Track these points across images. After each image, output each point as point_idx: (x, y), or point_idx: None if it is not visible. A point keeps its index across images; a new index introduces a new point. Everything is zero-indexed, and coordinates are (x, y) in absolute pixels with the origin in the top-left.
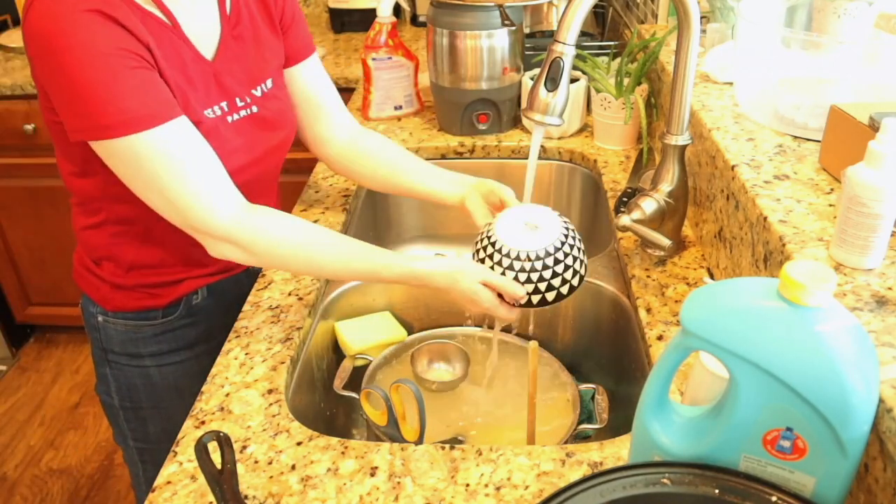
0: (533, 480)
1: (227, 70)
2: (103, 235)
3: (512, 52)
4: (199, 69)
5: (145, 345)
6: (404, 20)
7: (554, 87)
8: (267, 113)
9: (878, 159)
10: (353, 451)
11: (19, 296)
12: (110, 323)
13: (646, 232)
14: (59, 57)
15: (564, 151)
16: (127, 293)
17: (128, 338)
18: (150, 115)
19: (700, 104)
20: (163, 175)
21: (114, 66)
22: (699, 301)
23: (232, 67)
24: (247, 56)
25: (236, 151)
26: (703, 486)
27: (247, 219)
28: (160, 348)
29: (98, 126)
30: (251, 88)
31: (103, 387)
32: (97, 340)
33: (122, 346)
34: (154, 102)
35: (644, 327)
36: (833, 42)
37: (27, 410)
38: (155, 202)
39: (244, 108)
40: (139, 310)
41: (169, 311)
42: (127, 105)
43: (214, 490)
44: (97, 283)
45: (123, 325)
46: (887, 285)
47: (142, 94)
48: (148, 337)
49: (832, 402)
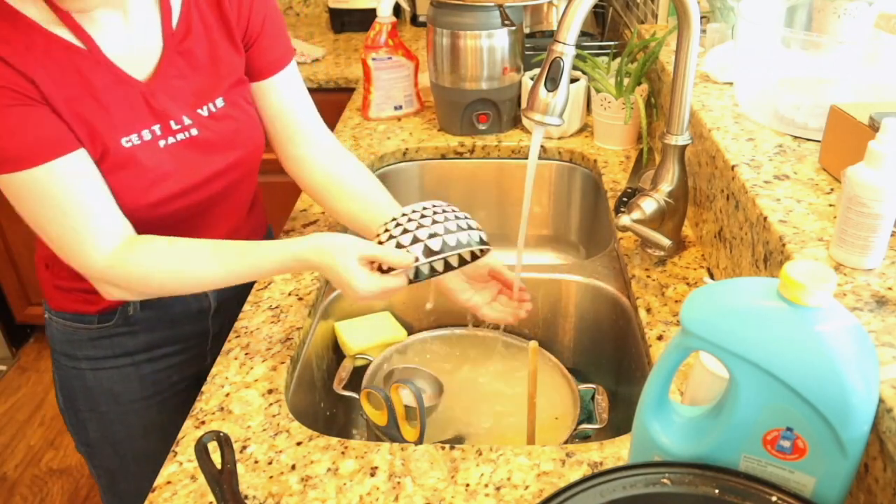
0: (533, 480)
1: (164, 89)
2: None
3: (512, 52)
4: (122, 92)
5: (81, 347)
6: (404, 20)
7: (554, 87)
8: (210, 135)
9: (878, 159)
10: (353, 451)
11: (19, 296)
12: (53, 322)
13: (646, 232)
14: None
15: (564, 151)
16: (65, 294)
17: (66, 338)
18: (20, 157)
19: (700, 104)
20: (40, 215)
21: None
22: (699, 301)
23: (171, 86)
24: (195, 73)
25: (167, 178)
26: (703, 486)
27: (121, 257)
28: (96, 353)
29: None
30: (196, 108)
31: (55, 389)
32: (49, 339)
33: (61, 346)
34: (31, 142)
35: (644, 327)
36: (833, 42)
37: (27, 410)
38: (41, 237)
39: (181, 132)
40: (75, 312)
41: (104, 318)
42: (2, 145)
43: (214, 490)
44: (44, 279)
45: (63, 326)
46: (887, 285)
47: (16, 135)
48: (84, 340)
49: (832, 402)
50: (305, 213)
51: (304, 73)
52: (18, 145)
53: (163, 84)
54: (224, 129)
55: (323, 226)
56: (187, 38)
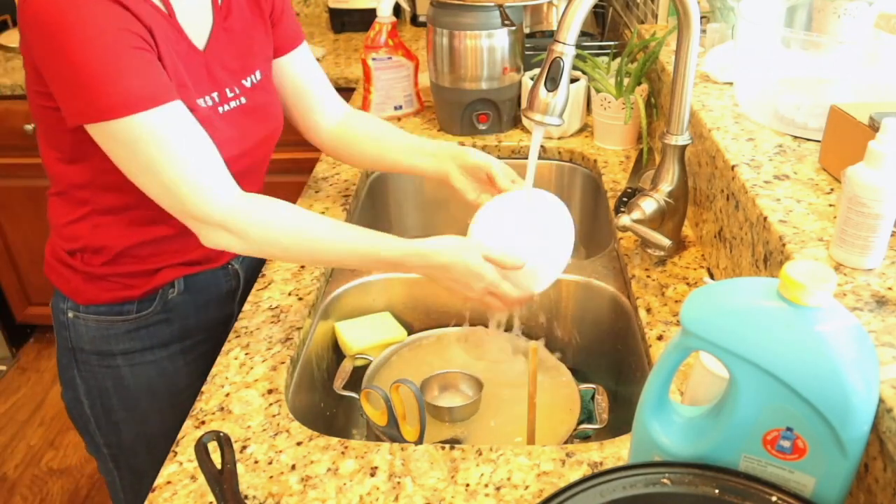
0: (533, 480)
1: (218, 61)
2: (85, 227)
3: (512, 52)
4: (192, 59)
5: (117, 342)
6: (404, 20)
7: (554, 87)
8: (256, 104)
9: (878, 159)
10: (353, 451)
11: (19, 296)
12: (81, 319)
13: (646, 232)
14: (60, 37)
15: (564, 151)
16: (100, 284)
17: (99, 335)
18: (150, 96)
19: (700, 104)
20: (161, 159)
21: (115, 45)
22: (699, 301)
23: (222, 58)
24: (236, 48)
25: (229, 141)
26: (703, 486)
27: (243, 205)
28: (133, 346)
29: (98, 108)
30: (241, 79)
31: (71, 393)
32: (65, 340)
33: (92, 345)
34: (155, 84)
35: (644, 327)
36: (833, 42)
37: (27, 410)
38: (151, 187)
39: (234, 99)
40: (112, 302)
41: (144, 304)
42: (128, 85)
43: (214, 490)
44: (68, 275)
45: (95, 321)
46: (887, 285)
47: (143, 75)
48: (121, 333)
49: (832, 402)
50: None
51: None
52: (143, 85)
53: (216, 55)
54: (264, 99)
55: None
56: (230, 15)
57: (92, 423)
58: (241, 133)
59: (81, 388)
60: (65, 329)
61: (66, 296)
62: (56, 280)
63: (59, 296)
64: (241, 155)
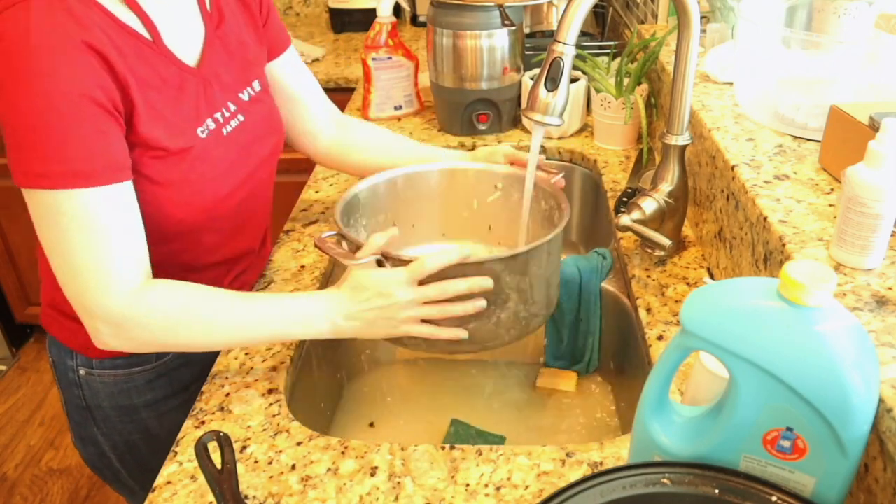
0: (533, 480)
1: (214, 75)
2: None
3: (512, 52)
4: (184, 82)
5: (139, 394)
6: (404, 20)
7: (554, 87)
8: (254, 119)
9: (878, 159)
10: (353, 451)
11: (19, 296)
12: (96, 376)
13: (646, 232)
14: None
15: (564, 151)
16: None
17: (118, 389)
18: (90, 173)
19: (700, 104)
20: (73, 240)
21: (72, 112)
22: (699, 301)
23: (218, 72)
24: (231, 57)
25: (232, 167)
26: (703, 486)
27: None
28: (155, 395)
29: (32, 173)
30: (238, 93)
31: (92, 449)
32: (77, 398)
33: (111, 400)
34: (101, 160)
35: (644, 327)
36: (833, 42)
37: (27, 410)
38: (58, 263)
39: (233, 118)
40: (130, 355)
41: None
42: (71, 156)
43: (214, 490)
44: (75, 328)
45: (112, 376)
46: (887, 285)
47: (90, 149)
48: (141, 385)
49: (832, 402)
50: (306, 213)
51: None
52: (92, 159)
53: (212, 70)
54: (263, 112)
55: (324, 225)
56: (222, 24)
57: (124, 474)
58: (245, 154)
59: (105, 445)
60: (75, 387)
61: (73, 351)
62: (58, 334)
63: (63, 350)
64: (246, 178)
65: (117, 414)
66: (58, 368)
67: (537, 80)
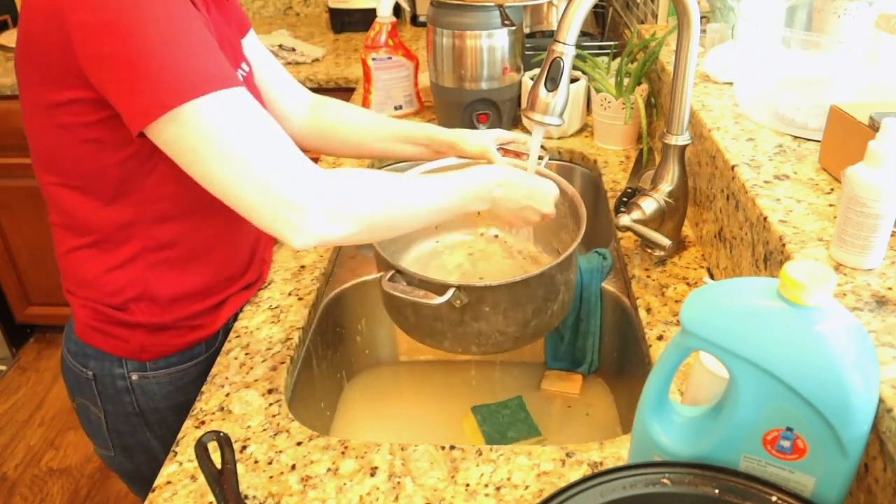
0: (533, 480)
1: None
2: (135, 270)
3: (512, 52)
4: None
5: (192, 389)
6: (404, 20)
7: (554, 87)
8: None
9: (878, 159)
10: (352, 451)
11: (19, 296)
12: (150, 378)
13: (646, 232)
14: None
15: (564, 151)
16: (168, 333)
17: (173, 388)
18: (224, 77)
19: (700, 104)
20: (246, 140)
21: (195, 22)
22: (699, 301)
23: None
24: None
25: None
26: (703, 486)
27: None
28: None
29: (174, 91)
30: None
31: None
32: (127, 406)
33: (168, 400)
34: (225, 65)
35: (644, 327)
36: (833, 42)
37: (27, 410)
38: (232, 182)
39: None
40: (184, 349)
41: (211, 341)
42: (202, 63)
43: (214, 490)
44: (124, 334)
45: (167, 375)
46: (887, 285)
47: (214, 56)
48: (194, 379)
49: (832, 402)
50: None
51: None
52: (219, 64)
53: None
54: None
55: None
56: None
57: None
58: None
59: (158, 449)
60: (126, 394)
61: (122, 358)
62: (103, 344)
63: (108, 361)
64: None
65: (174, 413)
66: (100, 381)
67: (537, 80)
